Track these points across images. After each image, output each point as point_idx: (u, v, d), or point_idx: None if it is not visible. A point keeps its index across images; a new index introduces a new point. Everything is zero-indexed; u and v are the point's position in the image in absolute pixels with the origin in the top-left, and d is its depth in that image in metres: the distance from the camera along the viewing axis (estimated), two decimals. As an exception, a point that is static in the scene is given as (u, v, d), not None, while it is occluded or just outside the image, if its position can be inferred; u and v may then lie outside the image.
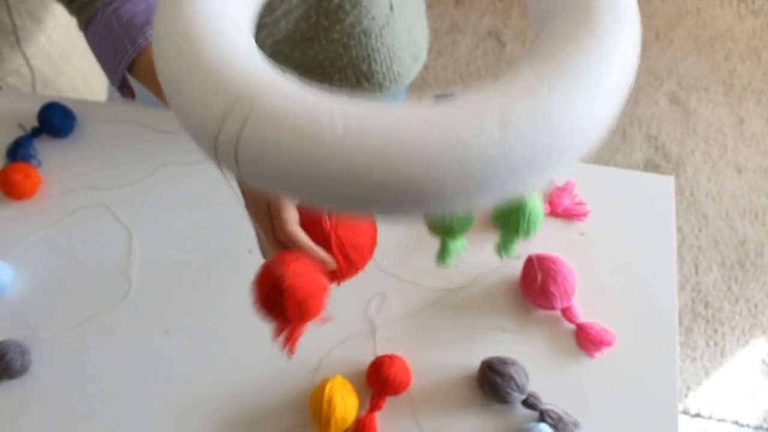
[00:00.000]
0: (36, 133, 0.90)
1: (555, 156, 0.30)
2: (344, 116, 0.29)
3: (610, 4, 0.35)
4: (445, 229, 0.66)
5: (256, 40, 0.86)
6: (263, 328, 0.79)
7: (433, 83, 2.04)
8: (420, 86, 2.03)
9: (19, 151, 0.88)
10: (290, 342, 0.56)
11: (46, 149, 0.90)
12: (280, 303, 0.52)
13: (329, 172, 0.28)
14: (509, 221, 0.64)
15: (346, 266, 0.57)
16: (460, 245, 0.69)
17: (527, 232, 0.66)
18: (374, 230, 0.60)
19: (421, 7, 0.96)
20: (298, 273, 0.52)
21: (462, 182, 0.28)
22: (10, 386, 0.76)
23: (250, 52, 0.34)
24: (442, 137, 0.28)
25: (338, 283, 0.60)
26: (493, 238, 0.84)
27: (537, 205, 0.66)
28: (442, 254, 0.70)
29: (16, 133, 0.90)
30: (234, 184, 0.53)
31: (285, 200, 0.52)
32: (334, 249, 0.56)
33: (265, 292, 0.52)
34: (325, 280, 0.55)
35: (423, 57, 0.98)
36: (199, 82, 0.32)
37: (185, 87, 0.33)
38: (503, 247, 0.71)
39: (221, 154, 0.32)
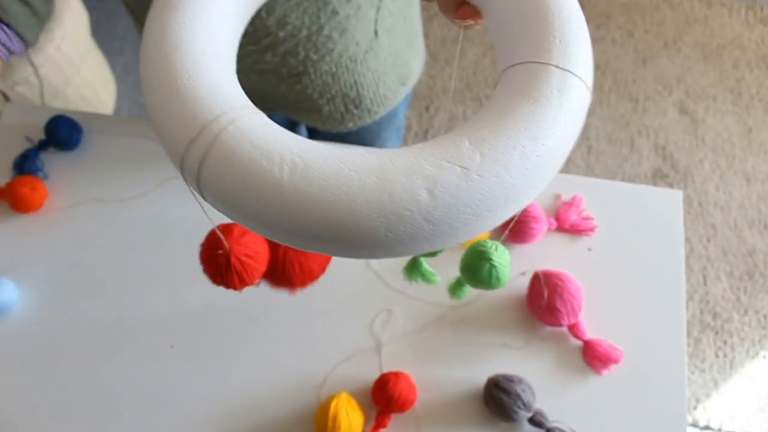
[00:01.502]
0: (43, 145, 0.90)
1: (481, 222, 0.32)
2: (292, 163, 0.31)
3: (558, 76, 0.35)
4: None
5: (244, 65, 0.86)
6: (268, 343, 0.79)
7: (440, 92, 2.04)
8: (427, 95, 2.03)
9: (26, 163, 0.88)
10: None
11: (53, 162, 0.90)
12: (224, 269, 0.57)
13: (273, 212, 0.31)
14: (474, 275, 0.63)
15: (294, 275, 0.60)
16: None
17: (492, 287, 0.64)
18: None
19: (417, 30, 0.95)
20: (242, 242, 0.57)
21: (389, 237, 0.31)
22: (16, 401, 0.76)
23: (224, 81, 0.35)
24: (373, 195, 0.30)
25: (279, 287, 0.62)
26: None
27: (503, 261, 0.64)
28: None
29: (23, 146, 0.90)
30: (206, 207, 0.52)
31: None
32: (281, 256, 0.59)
33: (210, 258, 0.58)
34: (266, 248, 0.59)
35: (413, 80, 0.97)
36: (172, 106, 0.34)
37: (160, 107, 0.34)
38: (454, 292, 0.69)
39: (187, 177, 0.34)
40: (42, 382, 0.77)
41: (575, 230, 0.86)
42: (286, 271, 0.59)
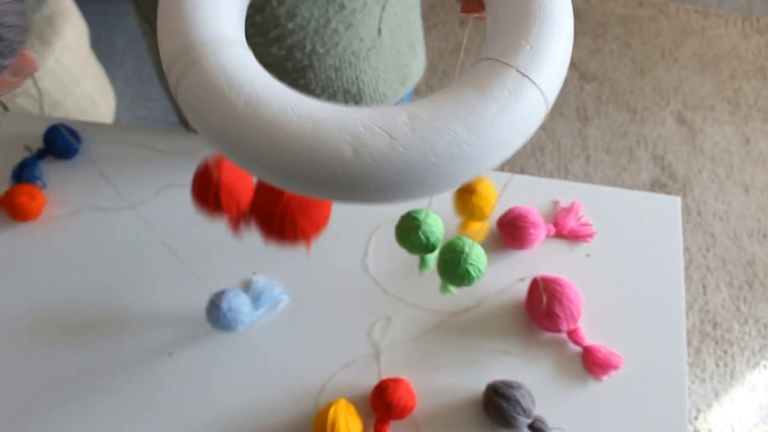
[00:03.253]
0: (41, 154, 0.90)
1: (397, 190, 0.35)
2: (249, 95, 0.36)
3: (516, 79, 0.36)
4: (421, 249, 0.66)
5: None
6: (267, 351, 0.79)
7: (439, 103, 2.04)
8: (425, 106, 2.03)
9: (25, 172, 0.88)
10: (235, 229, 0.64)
11: (52, 171, 0.90)
12: (216, 197, 0.60)
13: (229, 134, 0.36)
14: (450, 270, 0.65)
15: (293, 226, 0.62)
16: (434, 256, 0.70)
17: (465, 284, 0.66)
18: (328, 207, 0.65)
19: (418, 34, 0.96)
20: (231, 170, 0.60)
21: (314, 178, 0.35)
22: (13, 409, 0.76)
23: (222, 11, 0.40)
24: (306, 139, 0.34)
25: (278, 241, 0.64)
26: (500, 261, 0.84)
27: (478, 256, 0.65)
28: (422, 265, 0.71)
29: (21, 155, 0.90)
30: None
31: None
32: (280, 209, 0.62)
33: (203, 188, 0.61)
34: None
35: (413, 82, 0.99)
36: (170, 23, 0.38)
37: (162, 21, 0.39)
38: (444, 288, 0.71)
39: (171, 87, 0.38)
40: (37, 389, 0.77)
41: (574, 236, 0.86)
42: (286, 220, 0.62)
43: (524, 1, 0.39)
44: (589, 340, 0.79)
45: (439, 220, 0.66)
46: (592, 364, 0.78)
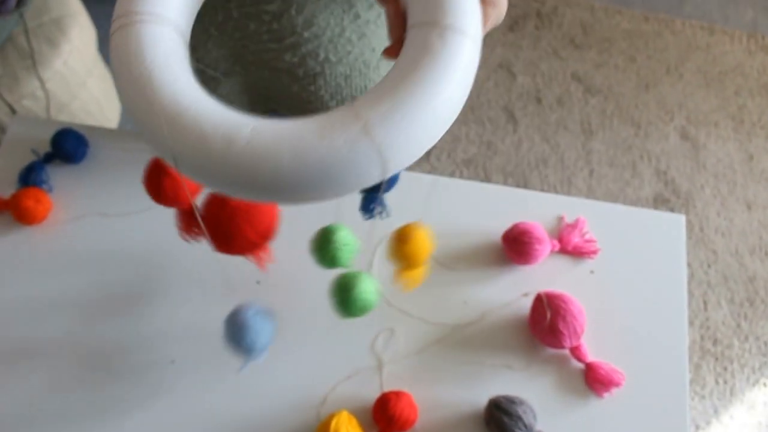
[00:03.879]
0: (48, 158, 0.90)
1: (228, 190, 0.41)
2: (144, 71, 0.41)
3: (353, 127, 0.39)
4: (330, 262, 0.67)
5: (260, 60, 0.87)
6: (269, 360, 0.79)
7: (443, 113, 2.05)
8: (430, 116, 2.04)
9: (31, 176, 0.88)
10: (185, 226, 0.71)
11: (58, 175, 0.90)
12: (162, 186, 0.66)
13: (126, 103, 0.42)
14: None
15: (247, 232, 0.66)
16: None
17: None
18: (274, 212, 0.68)
19: None
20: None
21: (164, 149, 0.41)
22: (14, 414, 0.76)
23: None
24: (172, 118, 0.40)
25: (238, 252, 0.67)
26: (504, 276, 0.84)
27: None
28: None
29: (28, 158, 0.90)
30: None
31: None
32: (235, 213, 0.65)
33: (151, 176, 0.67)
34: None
35: None
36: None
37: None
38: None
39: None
40: (40, 396, 0.77)
41: (578, 252, 0.86)
42: (232, 228, 0.65)
43: (412, 62, 0.40)
44: (591, 357, 0.79)
45: (352, 240, 0.67)
46: (594, 380, 0.78)
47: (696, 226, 1.91)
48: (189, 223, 0.71)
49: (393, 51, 0.44)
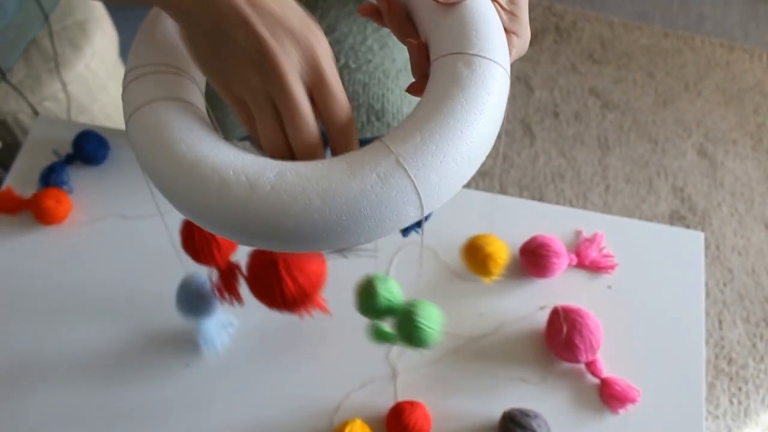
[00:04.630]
0: (70, 159, 0.91)
1: (251, 238, 0.38)
2: (158, 118, 0.40)
3: (384, 160, 0.37)
4: (376, 314, 0.64)
5: None
6: (283, 366, 0.79)
7: (460, 125, 2.05)
8: (447, 127, 2.04)
9: (52, 176, 0.89)
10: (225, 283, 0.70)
11: (79, 176, 0.91)
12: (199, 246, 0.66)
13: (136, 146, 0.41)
14: (401, 330, 0.62)
15: (295, 289, 0.63)
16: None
17: (416, 346, 0.63)
18: (322, 263, 0.66)
19: None
20: None
21: (186, 203, 0.38)
22: (29, 412, 0.76)
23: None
24: (188, 165, 0.37)
25: (289, 309, 0.64)
26: (520, 288, 0.83)
27: (429, 318, 0.63)
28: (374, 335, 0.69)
29: (50, 159, 0.91)
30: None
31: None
32: (282, 270, 0.62)
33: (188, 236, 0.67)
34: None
35: None
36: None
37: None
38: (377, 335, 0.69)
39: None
40: (57, 393, 0.77)
41: (595, 267, 0.86)
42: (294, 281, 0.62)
43: (441, 93, 0.38)
44: (607, 372, 0.78)
45: (394, 283, 0.64)
46: (610, 396, 0.77)
47: (712, 244, 1.90)
48: (229, 283, 0.69)
49: (418, 88, 0.43)
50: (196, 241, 0.65)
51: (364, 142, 1.03)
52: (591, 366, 0.78)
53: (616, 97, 2.14)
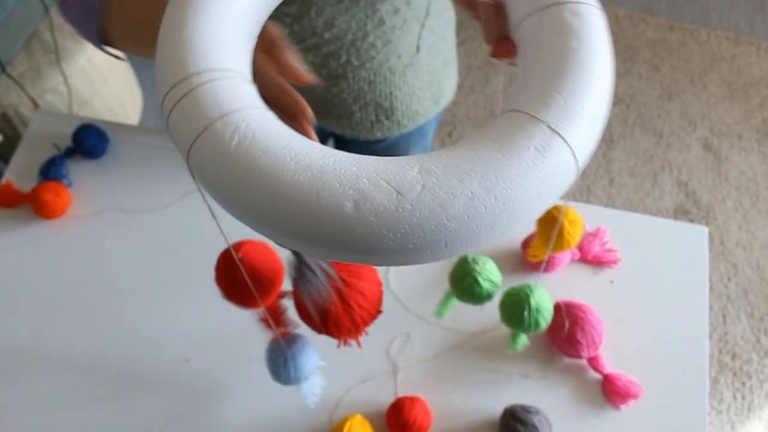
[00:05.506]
0: (69, 153, 0.91)
1: (400, 253, 0.31)
2: (244, 135, 0.32)
3: (545, 135, 0.33)
4: (474, 299, 0.65)
5: None
6: (284, 361, 0.78)
7: (464, 119, 2.04)
8: (451, 122, 2.03)
9: (52, 170, 0.89)
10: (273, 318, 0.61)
11: (78, 169, 0.90)
12: (241, 286, 0.57)
13: (216, 174, 0.32)
14: (515, 317, 0.63)
15: (359, 317, 0.58)
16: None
17: (532, 330, 0.64)
18: (379, 285, 0.60)
19: (452, 52, 0.96)
20: (253, 257, 0.56)
21: (307, 233, 0.31)
22: (28, 407, 0.76)
23: (224, 42, 0.37)
24: (303, 189, 0.30)
25: (344, 339, 0.61)
26: (521, 282, 0.83)
27: (543, 300, 0.64)
28: (442, 309, 0.71)
29: (49, 152, 0.91)
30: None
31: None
32: (337, 292, 0.57)
33: (226, 277, 0.58)
34: (278, 260, 0.59)
35: (446, 101, 0.98)
36: (170, 50, 0.36)
37: (162, 48, 0.36)
38: (512, 345, 0.71)
39: (163, 115, 0.35)
40: (54, 387, 0.77)
41: (598, 262, 0.85)
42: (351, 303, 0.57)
43: (560, 48, 0.36)
44: (609, 368, 0.78)
45: (493, 265, 0.64)
46: (612, 392, 0.77)
47: (716, 238, 1.89)
48: (278, 319, 0.64)
49: (502, 50, 0.41)
50: (240, 285, 0.57)
51: (374, 143, 1.03)
52: (593, 361, 0.78)
53: (620, 90, 2.13)
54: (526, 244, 0.83)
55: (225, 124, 0.33)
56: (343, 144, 1.03)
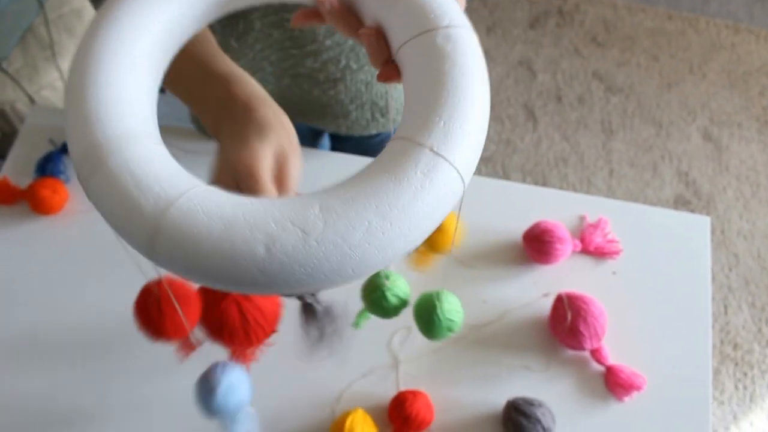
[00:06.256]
0: (66, 149, 0.90)
1: (315, 282, 0.34)
2: (161, 195, 0.35)
3: (429, 159, 0.35)
4: (382, 312, 0.65)
5: (279, 69, 0.87)
6: (283, 357, 0.78)
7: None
8: (449, 113, 2.02)
9: (49, 166, 0.88)
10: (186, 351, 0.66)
11: (75, 165, 0.89)
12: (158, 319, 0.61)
13: (141, 243, 0.36)
14: (428, 325, 0.64)
15: (253, 327, 0.63)
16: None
17: (445, 335, 0.65)
18: (278, 306, 0.65)
19: None
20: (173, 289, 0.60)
21: (229, 278, 0.34)
22: (27, 404, 0.76)
23: (125, 104, 0.38)
24: (218, 241, 0.33)
25: (242, 355, 0.65)
26: (524, 275, 0.82)
27: (451, 306, 0.64)
28: (359, 319, 0.71)
29: (46, 148, 0.90)
30: None
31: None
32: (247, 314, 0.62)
33: (145, 312, 0.63)
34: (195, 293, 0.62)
35: None
36: (74, 119, 0.37)
37: (68, 118, 0.38)
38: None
39: (84, 191, 0.38)
40: (52, 383, 0.76)
41: (600, 253, 0.85)
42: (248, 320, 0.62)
43: (435, 73, 0.38)
44: (612, 360, 0.77)
45: (403, 281, 0.65)
46: (615, 384, 0.76)
47: (717, 228, 1.88)
48: (189, 346, 0.68)
49: (388, 73, 0.43)
50: (165, 316, 0.61)
51: (369, 138, 1.04)
52: (596, 353, 0.77)
53: (619, 80, 2.12)
54: (528, 236, 0.83)
55: (140, 189, 0.36)
56: (338, 141, 1.03)
